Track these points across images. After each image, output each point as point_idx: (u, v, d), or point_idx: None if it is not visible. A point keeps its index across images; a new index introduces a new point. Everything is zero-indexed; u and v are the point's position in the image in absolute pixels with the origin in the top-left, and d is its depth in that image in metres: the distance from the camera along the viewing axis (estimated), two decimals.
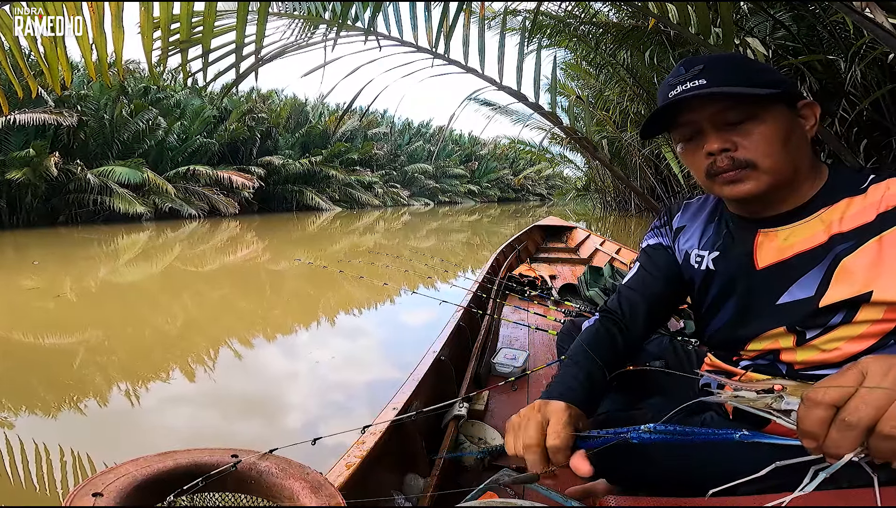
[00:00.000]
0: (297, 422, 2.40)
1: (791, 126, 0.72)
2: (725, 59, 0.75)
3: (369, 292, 4.86)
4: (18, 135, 10.51)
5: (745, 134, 0.71)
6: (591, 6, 4.45)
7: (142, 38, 1.31)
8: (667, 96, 0.75)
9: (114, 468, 0.62)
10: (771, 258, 0.76)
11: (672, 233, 0.93)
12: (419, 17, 1.72)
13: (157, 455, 0.65)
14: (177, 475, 0.64)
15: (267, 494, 0.66)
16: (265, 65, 1.51)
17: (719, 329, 0.85)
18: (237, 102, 16.48)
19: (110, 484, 0.59)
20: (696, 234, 0.88)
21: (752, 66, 0.75)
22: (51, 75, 1.46)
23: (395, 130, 26.59)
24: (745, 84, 0.70)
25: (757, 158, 0.71)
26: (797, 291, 0.73)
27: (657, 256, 0.93)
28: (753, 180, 0.72)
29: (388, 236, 11.37)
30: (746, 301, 0.79)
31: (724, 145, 0.72)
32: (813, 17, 3.09)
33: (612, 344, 0.86)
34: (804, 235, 0.73)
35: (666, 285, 0.91)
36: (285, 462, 0.68)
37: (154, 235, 10.46)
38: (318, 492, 0.63)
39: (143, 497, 0.60)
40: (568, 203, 23.95)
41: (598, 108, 10.33)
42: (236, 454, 0.68)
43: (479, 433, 1.45)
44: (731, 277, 0.81)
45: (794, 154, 0.72)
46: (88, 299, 5.12)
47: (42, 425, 2.36)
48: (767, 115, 0.71)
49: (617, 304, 0.92)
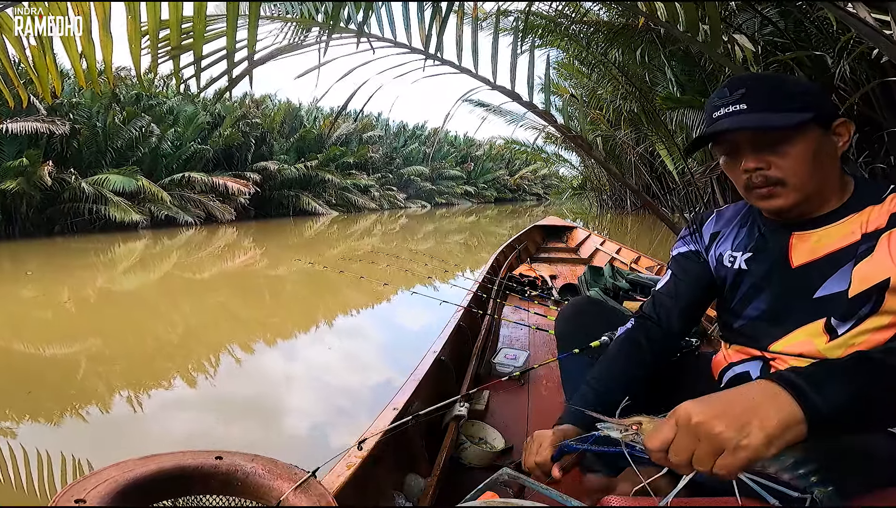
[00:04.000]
0: (296, 422, 2.39)
1: (821, 146, 0.79)
2: (766, 83, 0.82)
3: (369, 293, 4.85)
4: (11, 144, 10.45)
5: (780, 154, 0.79)
6: (581, 5, 4.46)
7: (129, 45, 1.31)
8: (711, 116, 0.83)
9: (96, 472, 0.61)
10: (805, 257, 0.83)
11: (704, 240, 1.00)
12: (412, 18, 1.72)
13: (141, 459, 0.65)
14: (161, 478, 0.63)
15: (254, 495, 0.65)
16: (257, 67, 1.51)
17: (748, 323, 0.91)
18: (231, 107, 16.41)
19: (93, 490, 0.58)
20: (730, 237, 0.96)
21: (792, 88, 0.80)
22: (40, 84, 1.46)
23: (390, 132, 26.57)
24: (783, 109, 0.78)
25: (787, 176, 0.79)
26: (832, 285, 0.80)
27: (687, 264, 1.01)
28: (783, 197, 0.80)
29: (386, 240, 11.36)
30: (782, 297, 0.86)
31: (759, 165, 0.80)
32: (800, 12, 3.11)
33: (639, 356, 0.97)
34: (836, 236, 0.81)
35: (697, 289, 0.99)
36: (272, 463, 0.67)
37: (151, 243, 10.42)
38: (306, 492, 0.63)
39: (127, 501, 0.59)
40: (565, 202, 23.98)
41: (591, 106, 10.35)
42: (220, 455, 0.67)
43: (479, 433, 1.45)
44: (763, 275, 0.88)
45: (822, 171, 0.79)
46: (87, 308, 5.10)
47: (42, 432, 2.35)
48: (800, 137, 0.78)
49: (652, 309, 1.01)
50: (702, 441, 0.56)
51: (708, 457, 0.55)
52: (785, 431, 0.53)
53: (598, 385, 0.94)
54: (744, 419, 0.54)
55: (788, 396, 0.55)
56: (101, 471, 0.62)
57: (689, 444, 0.56)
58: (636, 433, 0.65)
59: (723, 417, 0.55)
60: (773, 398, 0.55)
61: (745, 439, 0.53)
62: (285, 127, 19.15)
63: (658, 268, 3.43)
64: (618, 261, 3.77)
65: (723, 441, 0.54)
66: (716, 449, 0.54)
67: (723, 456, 0.54)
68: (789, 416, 0.54)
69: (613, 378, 0.95)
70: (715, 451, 0.55)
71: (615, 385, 0.93)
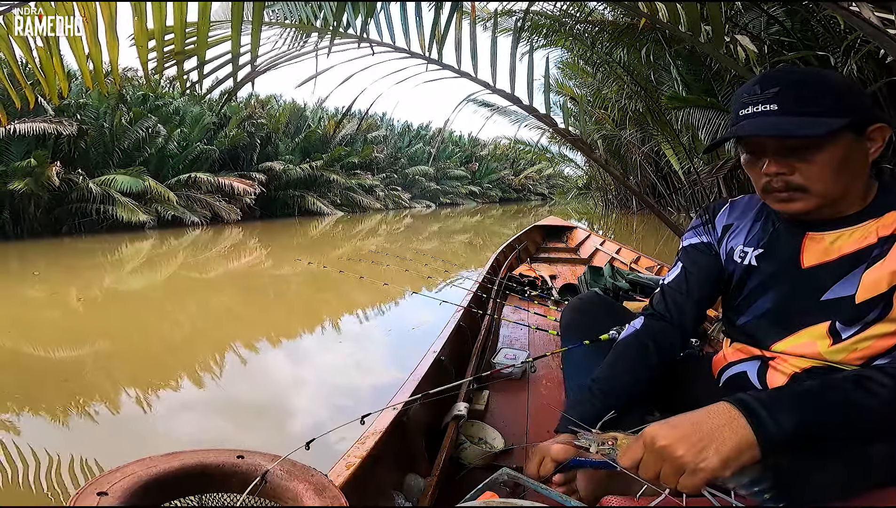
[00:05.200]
0: (296, 423, 2.41)
1: (851, 153, 0.74)
2: (802, 83, 0.75)
3: (369, 293, 4.87)
4: (19, 145, 10.54)
5: (805, 160, 0.74)
6: (586, 5, 4.45)
7: (137, 48, 1.32)
8: (737, 113, 0.78)
9: (120, 468, 0.63)
10: (816, 259, 0.81)
11: (717, 231, 0.96)
12: (411, 22, 1.73)
13: (164, 456, 0.66)
14: (182, 475, 0.64)
15: (271, 495, 0.66)
16: (259, 76, 1.52)
17: (752, 321, 0.89)
18: (236, 108, 16.47)
19: (116, 484, 0.59)
20: (743, 231, 0.92)
21: (828, 90, 0.74)
22: (48, 85, 1.47)
23: (394, 132, 26.58)
24: (816, 112, 0.72)
25: (810, 183, 0.75)
26: (840, 288, 0.78)
27: (699, 256, 0.97)
28: (803, 202, 0.77)
29: (391, 240, 11.38)
30: (789, 297, 0.84)
31: (781, 170, 0.76)
32: (807, 11, 3.09)
33: (644, 359, 0.93)
34: (851, 239, 0.78)
35: (708, 283, 0.95)
36: (290, 464, 0.68)
37: (157, 243, 10.49)
38: (321, 494, 0.64)
39: (149, 496, 0.60)
40: (569, 202, 23.90)
41: (596, 106, 10.32)
42: (242, 454, 0.68)
43: (479, 433, 1.46)
44: (773, 273, 0.86)
45: (848, 178, 0.75)
46: (94, 307, 5.15)
47: (50, 431, 2.38)
48: (830, 144, 0.73)
49: (662, 304, 0.97)
50: (665, 462, 0.61)
51: (671, 476, 0.61)
52: (740, 454, 0.59)
53: (599, 389, 0.92)
54: (702, 444, 0.59)
55: (744, 421, 0.60)
56: (125, 466, 0.63)
57: (655, 464, 0.62)
58: (612, 447, 0.71)
59: (684, 441, 0.60)
60: (730, 422, 0.60)
61: (703, 462, 0.59)
62: (290, 127, 19.22)
63: (658, 268, 3.41)
64: (618, 261, 3.76)
65: (683, 464, 0.60)
66: (677, 470, 0.60)
67: (684, 476, 0.60)
68: (743, 441, 0.59)
69: (616, 381, 0.92)
70: (677, 471, 0.61)
71: (617, 390, 0.91)
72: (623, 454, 0.67)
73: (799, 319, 0.83)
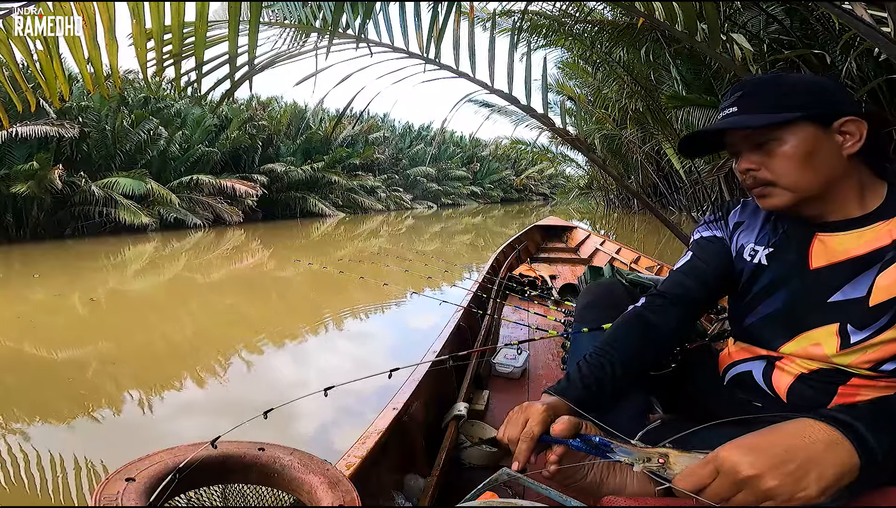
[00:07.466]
0: (297, 423, 2.41)
1: (817, 146, 0.76)
2: (763, 84, 0.80)
3: (369, 293, 4.87)
4: (21, 148, 10.57)
5: (769, 154, 0.78)
6: (585, 5, 4.45)
7: (135, 50, 1.33)
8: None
9: (149, 455, 0.66)
10: (825, 260, 0.81)
11: (728, 227, 0.97)
12: (409, 22, 1.73)
13: (191, 445, 0.69)
14: (206, 465, 0.67)
15: (288, 487, 0.69)
16: (258, 74, 1.53)
17: (760, 321, 0.89)
18: (237, 110, 16.50)
19: (143, 471, 0.62)
20: (754, 230, 0.93)
21: (787, 89, 0.78)
22: (48, 88, 1.48)
23: (395, 133, 26.60)
24: (772, 109, 0.76)
25: (776, 177, 0.78)
26: (850, 290, 0.77)
27: (710, 247, 0.97)
28: (777, 197, 0.79)
29: (393, 240, 11.38)
30: (797, 298, 0.84)
31: (749, 166, 0.80)
32: (805, 9, 3.09)
33: (643, 331, 0.91)
34: (860, 241, 0.77)
35: (716, 275, 0.95)
36: (307, 458, 0.71)
37: (160, 245, 10.51)
38: (334, 488, 0.66)
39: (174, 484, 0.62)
40: (571, 202, 23.91)
41: (597, 106, 10.32)
42: (262, 447, 0.71)
43: (479, 433, 1.46)
44: (781, 273, 0.85)
45: (820, 171, 0.76)
46: (98, 310, 5.16)
47: (55, 434, 2.39)
48: (789, 136, 0.76)
49: (667, 283, 0.97)
50: (746, 491, 0.54)
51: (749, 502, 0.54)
52: (840, 481, 0.53)
53: (593, 358, 0.88)
54: (800, 473, 0.53)
55: (850, 445, 0.54)
56: (154, 454, 0.66)
57: (730, 491, 0.55)
58: (662, 465, 0.64)
59: (777, 471, 0.53)
60: (832, 447, 0.54)
61: (802, 493, 0.52)
62: (291, 129, 19.24)
63: (658, 268, 3.41)
64: (618, 261, 3.75)
65: (774, 496, 0.53)
66: (762, 499, 0.54)
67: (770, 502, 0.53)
68: (846, 467, 0.54)
69: (612, 350, 0.88)
70: (761, 500, 0.54)
71: (612, 358, 0.87)
72: (685, 477, 0.59)
73: (806, 320, 0.82)
